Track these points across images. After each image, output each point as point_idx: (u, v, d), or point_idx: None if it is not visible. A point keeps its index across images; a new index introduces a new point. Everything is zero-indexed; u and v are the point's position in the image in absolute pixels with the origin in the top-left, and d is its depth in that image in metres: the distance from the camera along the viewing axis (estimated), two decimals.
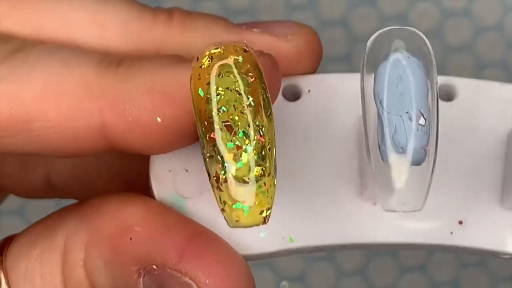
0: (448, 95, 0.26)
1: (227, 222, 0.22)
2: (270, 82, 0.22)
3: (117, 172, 0.29)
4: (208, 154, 0.21)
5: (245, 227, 0.22)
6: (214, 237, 0.24)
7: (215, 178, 0.21)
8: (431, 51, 0.23)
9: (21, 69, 0.24)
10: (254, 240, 0.25)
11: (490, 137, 0.26)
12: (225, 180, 0.21)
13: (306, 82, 0.26)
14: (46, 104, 0.23)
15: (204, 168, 0.22)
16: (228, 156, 0.21)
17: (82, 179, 0.30)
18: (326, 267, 0.46)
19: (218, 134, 0.21)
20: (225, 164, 0.21)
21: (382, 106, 0.22)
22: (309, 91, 0.26)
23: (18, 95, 0.23)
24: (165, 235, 0.24)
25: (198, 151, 0.23)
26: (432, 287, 0.46)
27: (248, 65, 0.21)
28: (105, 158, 0.30)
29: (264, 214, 0.21)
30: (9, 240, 0.26)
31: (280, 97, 0.26)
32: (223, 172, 0.21)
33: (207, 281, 0.23)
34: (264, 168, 0.21)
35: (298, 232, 0.25)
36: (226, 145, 0.21)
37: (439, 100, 0.23)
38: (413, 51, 0.22)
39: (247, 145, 0.21)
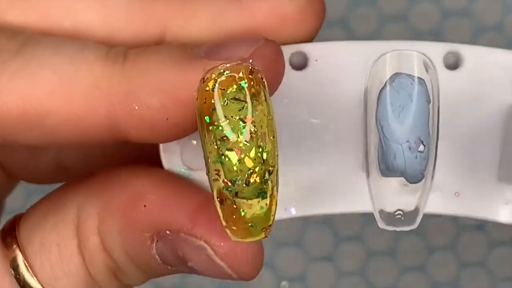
0: (454, 63, 0.26)
1: (230, 236, 0.23)
2: (274, 69, 0.23)
3: (127, 152, 0.30)
4: (213, 178, 0.22)
5: (247, 241, 0.23)
6: None
7: (219, 199, 0.22)
8: (437, 75, 0.23)
9: (30, 65, 0.24)
10: None
11: (491, 110, 0.26)
12: (228, 203, 0.22)
13: (313, 51, 0.26)
14: (57, 101, 0.24)
15: None
16: (232, 182, 0.22)
17: (93, 160, 0.30)
18: (326, 267, 0.46)
19: (223, 162, 0.22)
20: (229, 189, 0.22)
21: (383, 132, 0.23)
22: (316, 60, 0.26)
23: (29, 91, 0.24)
24: (179, 201, 0.25)
25: None
26: (432, 287, 0.46)
27: (253, 89, 0.22)
28: None
29: (265, 231, 0.22)
30: (19, 217, 0.27)
31: (287, 65, 0.26)
32: (226, 194, 0.22)
33: (222, 244, 0.24)
34: (266, 191, 0.22)
35: (299, 202, 0.26)
36: (230, 172, 0.22)
37: (445, 68, 0.23)
38: (417, 75, 0.23)
39: (250, 171, 0.22)
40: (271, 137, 0.22)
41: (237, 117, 0.22)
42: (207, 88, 0.22)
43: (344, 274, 0.46)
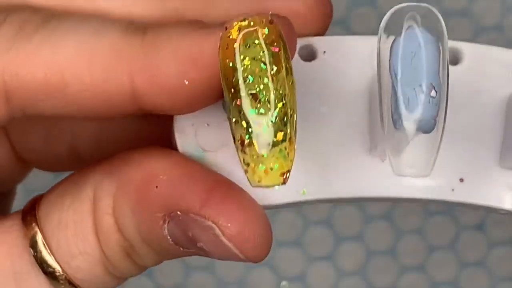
0: (454, 59, 0.27)
1: (249, 181, 0.23)
2: (289, 34, 0.24)
3: (141, 139, 0.30)
4: (234, 119, 0.23)
5: (266, 187, 0.23)
6: (234, 187, 0.26)
7: (239, 141, 0.23)
8: (445, 28, 0.24)
9: (54, 36, 0.25)
10: (271, 192, 0.27)
11: (492, 101, 0.27)
12: (249, 144, 0.23)
13: (322, 44, 0.27)
14: (79, 68, 0.25)
15: (224, 123, 0.25)
16: (252, 122, 0.23)
17: (107, 147, 0.31)
18: (326, 267, 0.46)
19: (244, 102, 0.23)
20: (250, 129, 0.23)
21: (397, 79, 0.23)
22: (324, 52, 0.27)
23: (53, 60, 0.25)
24: (189, 183, 0.25)
25: (219, 107, 0.26)
26: (432, 287, 0.46)
27: (273, 37, 0.23)
28: (129, 125, 0.31)
29: (284, 176, 0.23)
30: (40, 197, 0.27)
31: (296, 56, 0.27)
32: (247, 136, 0.23)
33: (229, 225, 0.25)
34: (285, 134, 0.23)
35: (310, 186, 0.27)
36: (251, 112, 0.23)
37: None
38: (427, 27, 0.24)
39: (270, 112, 0.23)
40: (290, 83, 0.23)
41: (258, 60, 0.23)
42: (229, 35, 0.23)
43: (344, 274, 0.46)
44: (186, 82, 0.25)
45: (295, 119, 0.23)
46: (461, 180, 0.27)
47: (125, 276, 0.27)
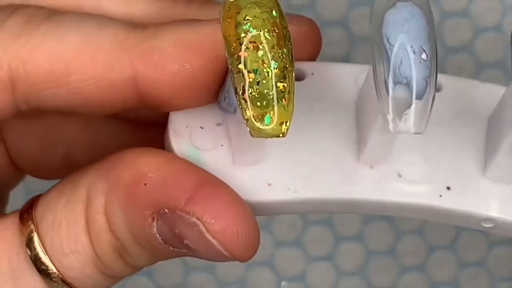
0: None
1: (250, 131, 0.24)
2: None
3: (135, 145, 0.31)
4: (236, 71, 0.24)
5: (266, 136, 0.24)
6: (221, 184, 0.26)
7: (241, 91, 0.24)
8: (429, 4, 0.26)
9: (59, 28, 0.26)
10: (262, 190, 0.28)
11: (475, 118, 0.29)
12: (251, 93, 0.24)
13: (309, 67, 0.29)
14: (83, 59, 0.26)
15: (217, 126, 0.27)
16: (254, 72, 0.24)
17: (101, 154, 0.31)
18: (326, 267, 0.46)
19: (246, 53, 0.24)
20: (250, 79, 0.24)
21: (389, 42, 0.25)
22: (312, 73, 0.29)
23: (57, 50, 0.26)
24: (177, 181, 0.26)
25: (212, 111, 0.27)
26: (432, 287, 0.46)
27: (272, 3, 0.24)
28: (123, 134, 0.32)
29: (283, 126, 0.24)
30: (38, 197, 0.28)
31: None
32: (248, 86, 0.24)
33: (213, 221, 0.25)
34: (285, 85, 0.24)
35: (302, 186, 0.28)
36: (253, 62, 0.24)
37: None
38: (416, 2, 0.25)
39: (271, 62, 0.24)
40: (288, 43, 0.24)
41: (260, 17, 0.24)
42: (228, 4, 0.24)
43: (344, 274, 0.46)
44: (187, 66, 0.25)
45: (292, 75, 0.24)
46: (448, 188, 0.28)
47: (119, 276, 0.28)
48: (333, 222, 0.46)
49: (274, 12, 0.24)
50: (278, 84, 0.24)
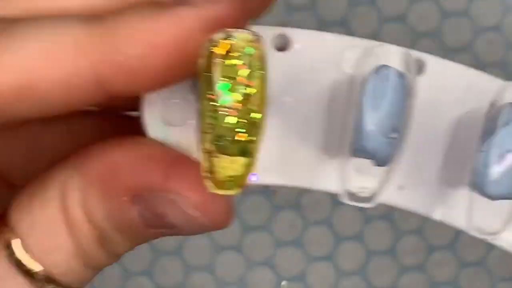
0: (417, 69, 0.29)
1: (208, 187, 0.24)
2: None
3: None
4: (203, 131, 0.24)
5: (222, 194, 0.24)
6: (193, 161, 0.27)
7: (205, 152, 0.24)
8: (415, 76, 0.26)
9: (16, 40, 0.26)
10: None
11: (442, 119, 0.29)
12: (216, 156, 0.24)
13: (297, 36, 0.28)
14: (45, 68, 0.25)
15: (191, 100, 0.27)
16: (220, 137, 0.24)
17: None
18: (326, 267, 0.46)
19: (216, 118, 0.24)
20: (216, 144, 0.24)
21: (361, 115, 0.25)
22: (296, 45, 0.28)
23: (20, 64, 0.25)
24: (149, 163, 0.27)
25: (185, 86, 0.27)
26: (431, 287, 0.46)
27: (256, 61, 0.24)
28: (106, 130, 0.32)
29: (240, 187, 0.24)
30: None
31: (270, 45, 0.28)
32: (213, 148, 0.24)
33: (192, 193, 0.26)
34: (251, 151, 0.24)
35: (268, 172, 0.28)
36: (220, 128, 0.24)
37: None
38: (401, 70, 0.25)
39: (239, 130, 0.24)
40: (263, 104, 0.24)
41: (235, 79, 0.23)
42: (211, 49, 0.24)
43: (344, 274, 0.46)
44: (149, 64, 0.25)
45: (261, 138, 0.24)
46: (401, 187, 0.29)
47: (100, 267, 0.28)
48: (333, 222, 0.46)
49: (255, 68, 0.24)
50: (244, 148, 0.24)
